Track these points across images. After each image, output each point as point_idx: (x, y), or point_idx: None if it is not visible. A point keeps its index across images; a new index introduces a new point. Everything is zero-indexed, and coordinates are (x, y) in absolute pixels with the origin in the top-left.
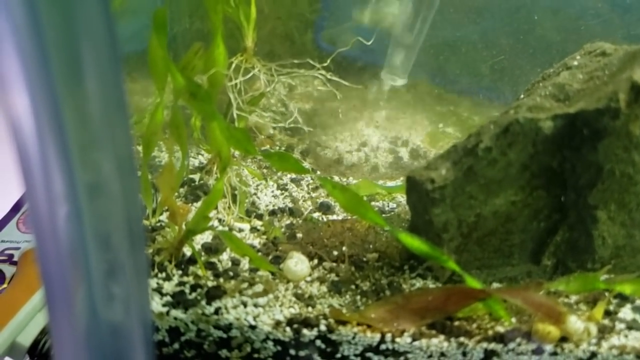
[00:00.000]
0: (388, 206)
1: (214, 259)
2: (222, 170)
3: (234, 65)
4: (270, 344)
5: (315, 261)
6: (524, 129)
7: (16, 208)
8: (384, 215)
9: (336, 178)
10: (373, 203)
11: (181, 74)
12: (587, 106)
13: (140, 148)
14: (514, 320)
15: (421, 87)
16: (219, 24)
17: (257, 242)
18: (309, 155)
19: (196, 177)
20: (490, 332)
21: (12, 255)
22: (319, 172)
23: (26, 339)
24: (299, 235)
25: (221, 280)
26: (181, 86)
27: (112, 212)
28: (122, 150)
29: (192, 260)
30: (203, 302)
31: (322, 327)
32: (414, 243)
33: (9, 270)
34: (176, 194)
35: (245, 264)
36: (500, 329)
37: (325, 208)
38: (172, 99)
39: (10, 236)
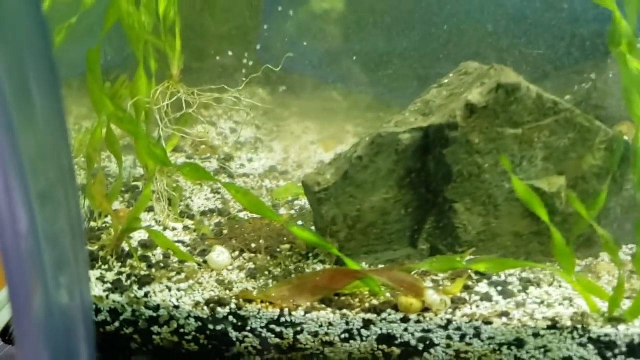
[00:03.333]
0: (306, 204)
1: (148, 254)
2: (148, 179)
3: (159, 92)
4: (192, 320)
5: (237, 253)
6: (386, 140)
7: None
8: (302, 212)
9: (268, 183)
10: (296, 202)
11: (111, 102)
12: (436, 120)
13: (84, 161)
14: (388, 295)
15: (356, 96)
16: (141, 56)
17: (187, 238)
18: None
19: (140, 184)
20: (367, 305)
21: None
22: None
23: None
24: (225, 232)
25: (153, 270)
26: (110, 112)
27: (58, 215)
28: (64, 161)
29: (130, 255)
30: (135, 288)
31: (233, 306)
32: (304, 234)
33: None
34: (121, 199)
35: (174, 258)
36: (376, 302)
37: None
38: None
39: None
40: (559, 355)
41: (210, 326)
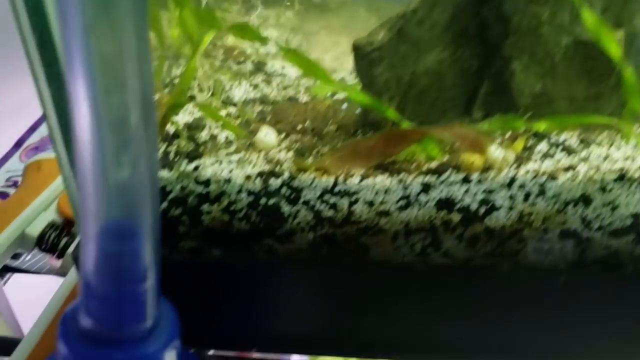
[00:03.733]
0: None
1: (195, 134)
2: (193, 52)
3: None
4: (243, 195)
5: (283, 135)
6: None
7: (18, 144)
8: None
9: (306, 81)
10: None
11: None
12: None
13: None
14: (446, 158)
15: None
16: None
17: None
18: None
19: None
20: (425, 168)
21: (16, 182)
22: None
23: (34, 231)
24: (268, 118)
25: (201, 148)
26: None
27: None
28: (138, 23)
29: (177, 135)
30: (185, 162)
31: (286, 176)
32: (358, 96)
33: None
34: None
35: (222, 138)
36: (434, 165)
37: (293, 101)
38: None
39: (14, 167)
40: (627, 212)
41: (263, 200)
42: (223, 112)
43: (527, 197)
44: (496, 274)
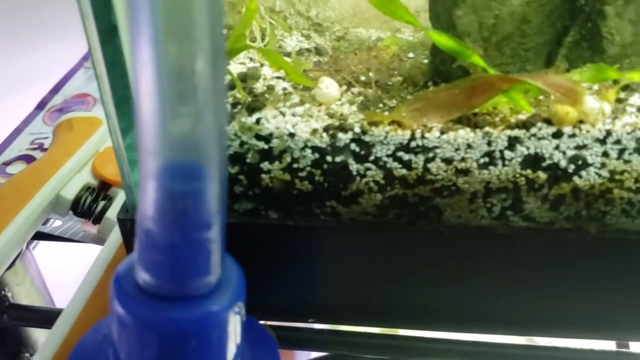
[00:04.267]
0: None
1: (250, 85)
2: None
3: None
4: (308, 152)
5: (344, 87)
6: None
7: (41, 106)
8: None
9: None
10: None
11: None
12: None
13: None
14: (534, 111)
15: None
16: None
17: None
18: None
19: None
20: (513, 121)
21: (42, 144)
22: None
23: (69, 193)
24: (327, 68)
25: (260, 100)
26: None
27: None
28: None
29: (230, 87)
30: (245, 114)
31: (357, 129)
32: (442, 39)
33: (40, 155)
34: None
35: (279, 89)
36: (522, 117)
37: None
38: None
39: (38, 129)
40: None
41: (329, 157)
42: None
43: (621, 153)
44: (583, 238)
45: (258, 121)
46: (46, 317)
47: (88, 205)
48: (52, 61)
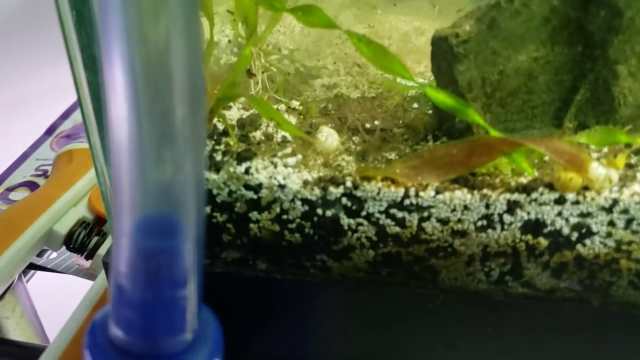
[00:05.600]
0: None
1: (247, 133)
2: (248, 36)
3: None
4: (298, 204)
5: (345, 136)
6: None
7: (50, 131)
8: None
9: None
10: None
11: None
12: None
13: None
14: (536, 174)
15: None
16: None
17: (293, 119)
18: None
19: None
20: (513, 184)
21: (46, 171)
22: None
23: (63, 228)
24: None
25: (253, 147)
26: None
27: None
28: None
29: (226, 133)
30: (234, 163)
31: (349, 184)
32: (439, 96)
33: (43, 182)
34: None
35: (279, 137)
36: (523, 180)
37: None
38: None
39: (45, 155)
40: None
41: (319, 210)
42: (282, 107)
43: (628, 223)
44: (585, 309)
45: (247, 170)
46: (30, 353)
47: (81, 241)
48: (65, 85)
